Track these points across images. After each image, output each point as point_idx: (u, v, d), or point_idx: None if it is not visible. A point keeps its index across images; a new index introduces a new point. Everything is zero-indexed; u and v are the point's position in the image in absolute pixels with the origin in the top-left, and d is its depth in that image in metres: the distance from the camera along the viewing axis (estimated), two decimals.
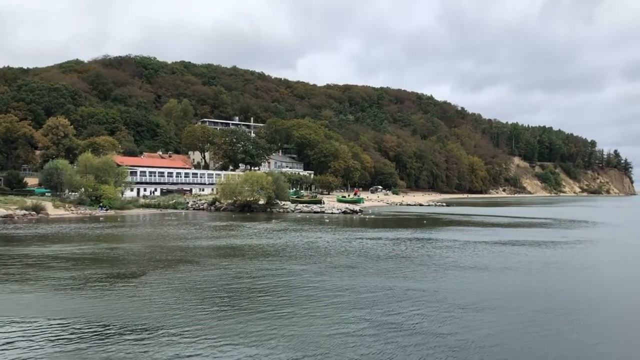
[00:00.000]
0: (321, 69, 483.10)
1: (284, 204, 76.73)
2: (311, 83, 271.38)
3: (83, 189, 69.36)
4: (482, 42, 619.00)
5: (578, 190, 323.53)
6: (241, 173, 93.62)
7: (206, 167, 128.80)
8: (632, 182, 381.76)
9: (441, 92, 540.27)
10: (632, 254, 33.63)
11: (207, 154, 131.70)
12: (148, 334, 13.95)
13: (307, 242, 36.27)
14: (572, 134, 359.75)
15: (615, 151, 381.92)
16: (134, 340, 13.43)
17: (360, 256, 29.32)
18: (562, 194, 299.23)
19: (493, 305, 17.70)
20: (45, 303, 17.50)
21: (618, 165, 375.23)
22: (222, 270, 24.01)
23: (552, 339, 14.01)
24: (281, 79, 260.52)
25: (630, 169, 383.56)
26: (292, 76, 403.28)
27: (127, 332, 14.06)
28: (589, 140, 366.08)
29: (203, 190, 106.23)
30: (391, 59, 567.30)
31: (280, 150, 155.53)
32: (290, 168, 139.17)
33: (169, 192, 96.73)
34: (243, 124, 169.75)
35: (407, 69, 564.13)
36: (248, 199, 72.81)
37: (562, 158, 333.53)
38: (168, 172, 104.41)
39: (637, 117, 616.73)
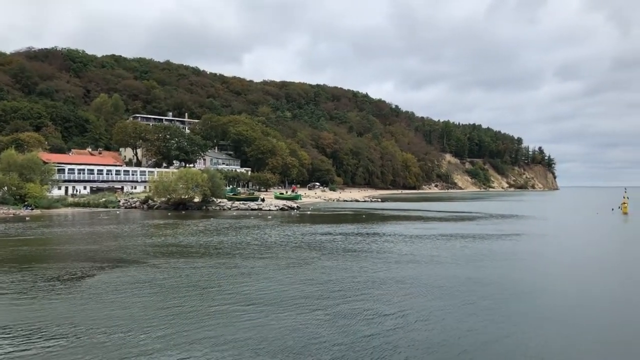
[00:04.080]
0: (268, 64, 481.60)
1: (220, 202, 75.80)
2: (248, 79, 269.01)
3: (6, 188, 65.84)
4: (430, 40, 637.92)
5: (506, 185, 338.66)
6: (175, 170, 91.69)
7: (138, 164, 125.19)
8: (555, 177, 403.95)
9: (385, 90, 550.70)
10: (558, 245, 35.59)
11: (139, 151, 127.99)
12: (98, 338, 13.52)
13: (257, 238, 36.23)
14: (500, 132, 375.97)
15: (540, 148, 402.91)
16: (83, 345, 12.98)
17: (315, 250, 29.86)
18: (490, 189, 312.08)
19: (450, 293, 18.50)
20: None
21: (542, 162, 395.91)
22: (173, 270, 23.37)
23: (501, 327, 14.75)
24: (216, 74, 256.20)
25: (553, 165, 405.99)
26: (238, 71, 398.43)
27: (75, 338, 13.58)
28: (516, 138, 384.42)
29: (135, 188, 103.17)
30: (339, 56, 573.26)
31: (216, 147, 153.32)
32: (226, 165, 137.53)
33: (99, 190, 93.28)
34: (177, 120, 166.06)
35: (355, 66, 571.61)
36: (183, 197, 71.45)
37: (491, 154, 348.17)
38: (98, 170, 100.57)
39: (566, 116, 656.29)
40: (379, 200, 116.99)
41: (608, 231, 48.01)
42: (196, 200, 73.28)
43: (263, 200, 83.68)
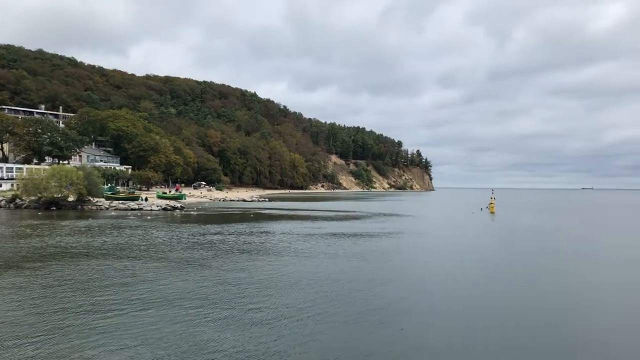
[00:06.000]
0: (157, 58, 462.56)
1: (97, 201, 71.46)
2: (130, 72, 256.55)
3: None
4: (321, 43, 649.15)
5: (387, 186, 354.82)
6: (47, 167, 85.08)
7: (5, 160, 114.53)
8: (431, 179, 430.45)
9: (278, 90, 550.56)
10: (435, 241, 37.80)
11: (6, 146, 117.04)
12: None
13: (144, 239, 34.51)
14: (382, 135, 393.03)
15: (418, 151, 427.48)
16: None
17: (204, 250, 29.27)
18: (373, 189, 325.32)
19: (344, 290, 18.71)
20: None
21: (420, 164, 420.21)
22: (56, 274, 21.44)
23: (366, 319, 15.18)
24: (95, 66, 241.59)
25: (429, 167, 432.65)
26: (124, 65, 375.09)
27: None
28: (397, 141, 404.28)
29: (1, 186, 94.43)
30: (233, 54, 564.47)
31: (94, 143, 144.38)
32: (105, 162, 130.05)
33: None
34: (50, 113, 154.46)
35: (248, 64, 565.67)
36: (55, 196, 66.50)
37: (374, 156, 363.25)
38: None
39: (444, 121, 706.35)
40: (267, 200, 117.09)
41: (481, 228, 51.89)
42: (71, 199, 68.54)
43: (145, 199, 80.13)
